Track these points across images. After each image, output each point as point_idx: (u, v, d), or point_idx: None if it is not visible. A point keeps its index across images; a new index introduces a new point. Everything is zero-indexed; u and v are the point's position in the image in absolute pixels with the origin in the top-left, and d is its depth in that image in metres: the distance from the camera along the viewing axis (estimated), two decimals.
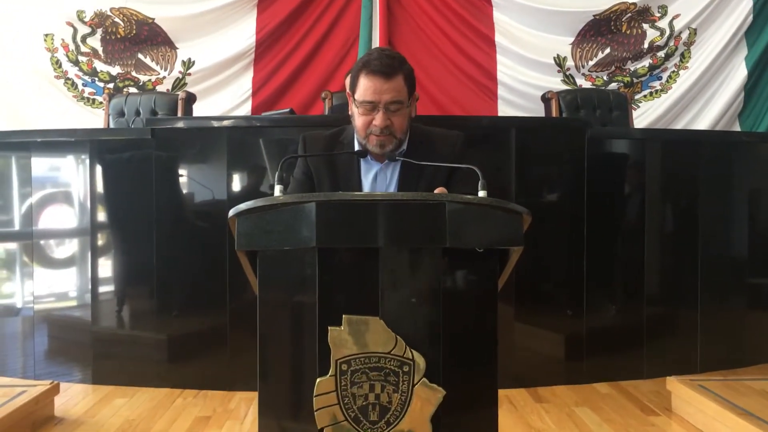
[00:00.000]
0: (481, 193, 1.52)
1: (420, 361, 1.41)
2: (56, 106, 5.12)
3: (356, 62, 2.04)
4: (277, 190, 1.58)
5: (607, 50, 5.17)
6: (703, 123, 5.12)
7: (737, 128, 5.17)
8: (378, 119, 1.96)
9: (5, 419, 2.51)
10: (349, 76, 2.09)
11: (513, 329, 3.38)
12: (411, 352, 1.42)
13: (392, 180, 2.05)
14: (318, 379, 1.42)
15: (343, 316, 1.41)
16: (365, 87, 1.95)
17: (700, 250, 3.54)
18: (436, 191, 1.63)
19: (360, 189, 2.03)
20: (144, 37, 5.13)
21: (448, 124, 3.41)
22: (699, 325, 3.53)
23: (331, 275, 1.44)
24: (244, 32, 5.14)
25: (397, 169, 2.06)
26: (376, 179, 2.06)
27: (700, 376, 3.23)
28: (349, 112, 2.09)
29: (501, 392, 2.10)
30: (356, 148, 2.06)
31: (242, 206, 1.47)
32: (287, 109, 3.94)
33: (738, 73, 5.09)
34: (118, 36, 5.13)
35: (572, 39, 5.14)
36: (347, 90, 2.09)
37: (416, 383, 1.42)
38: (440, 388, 1.42)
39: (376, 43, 5.02)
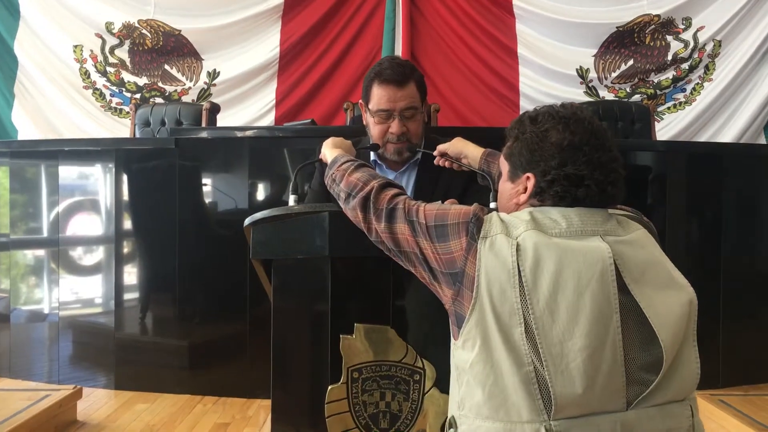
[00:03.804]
0: (492, 205, 1.53)
1: (430, 369, 1.43)
2: (84, 116, 5.22)
3: (368, 73, 2.05)
4: (292, 200, 1.60)
5: (630, 62, 5.13)
6: (727, 136, 5.04)
7: (762, 141, 5.08)
8: (394, 127, 1.98)
9: (30, 422, 2.56)
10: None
11: None
12: (421, 360, 1.43)
13: (408, 188, 2.07)
14: (330, 387, 1.44)
15: (355, 324, 1.43)
16: (379, 96, 1.97)
17: (722, 264, 3.49)
18: (447, 203, 1.65)
19: None
20: (170, 49, 5.22)
21: (469, 135, 3.40)
22: (721, 340, 3.47)
23: (344, 284, 1.47)
24: (268, 43, 5.19)
25: (413, 177, 2.08)
26: None
27: (721, 391, 3.18)
28: (364, 122, 2.11)
29: None
30: (372, 157, 2.08)
31: (257, 215, 1.50)
32: (308, 120, 3.97)
33: (763, 86, 4.99)
34: (146, 47, 5.22)
35: (595, 51, 5.12)
36: (360, 100, 2.12)
37: (426, 391, 1.43)
38: None
39: (398, 54, 5.04)
